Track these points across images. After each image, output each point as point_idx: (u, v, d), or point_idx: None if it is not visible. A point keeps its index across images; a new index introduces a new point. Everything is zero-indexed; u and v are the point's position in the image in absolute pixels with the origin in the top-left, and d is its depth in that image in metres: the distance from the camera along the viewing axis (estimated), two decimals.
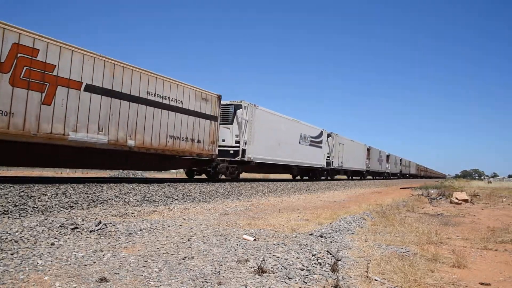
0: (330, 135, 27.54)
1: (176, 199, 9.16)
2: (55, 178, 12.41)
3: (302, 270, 3.32)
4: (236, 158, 15.87)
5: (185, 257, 3.64)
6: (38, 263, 3.20)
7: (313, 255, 3.84)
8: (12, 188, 7.00)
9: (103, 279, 2.86)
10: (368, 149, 38.77)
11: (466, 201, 12.50)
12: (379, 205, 9.94)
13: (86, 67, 9.48)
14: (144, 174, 28.05)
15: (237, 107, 16.18)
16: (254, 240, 4.59)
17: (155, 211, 7.13)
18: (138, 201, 8.16)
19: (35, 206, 6.24)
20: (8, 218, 5.34)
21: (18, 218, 5.32)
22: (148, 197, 8.65)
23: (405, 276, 3.24)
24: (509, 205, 12.53)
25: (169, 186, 10.79)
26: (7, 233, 4.07)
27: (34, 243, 3.88)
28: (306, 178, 25.92)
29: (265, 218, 6.78)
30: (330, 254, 3.91)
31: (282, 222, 6.38)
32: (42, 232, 4.29)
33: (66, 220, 4.93)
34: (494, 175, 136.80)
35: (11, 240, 3.88)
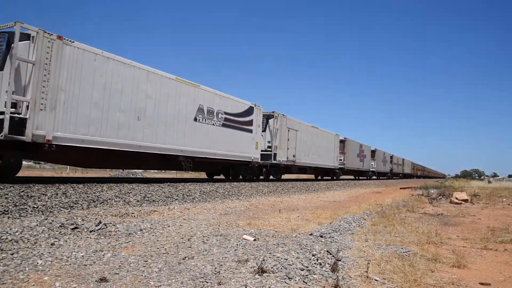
0: (272, 116, 18.76)
1: (176, 199, 9.16)
2: (55, 178, 12.41)
3: (302, 270, 3.32)
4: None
5: (185, 257, 3.64)
6: (38, 263, 3.20)
7: (313, 255, 3.84)
8: (12, 188, 7.00)
9: (103, 279, 2.86)
10: (342, 141, 30.94)
11: (466, 201, 12.50)
12: (379, 205, 9.94)
13: None
14: (144, 174, 28.07)
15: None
16: (254, 240, 4.59)
17: (155, 211, 7.13)
18: (138, 201, 8.16)
19: (35, 206, 6.24)
20: (8, 218, 5.34)
21: (18, 218, 5.32)
22: (148, 197, 8.65)
23: (405, 276, 3.24)
24: (509, 205, 12.53)
25: (169, 186, 10.79)
26: (7, 233, 4.07)
27: (34, 243, 3.88)
28: (222, 178, 18.21)
29: (265, 218, 6.78)
30: (330, 254, 3.91)
31: (282, 222, 6.38)
32: (42, 232, 4.29)
33: (66, 220, 4.93)
34: (494, 175, 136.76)
35: (11, 240, 3.88)
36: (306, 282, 3.03)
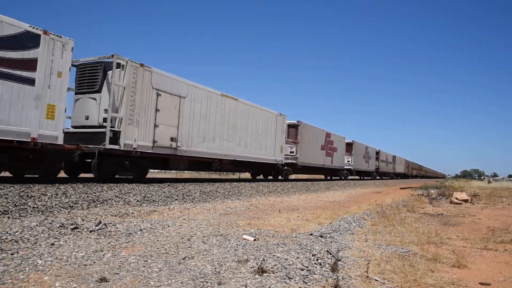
0: (122, 63, 10.84)
1: (176, 199, 9.16)
2: (55, 178, 12.41)
3: (302, 270, 3.32)
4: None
5: (185, 257, 3.64)
6: (38, 263, 3.20)
7: (313, 255, 3.84)
8: (12, 188, 7.00)
9: (103, 279, 2.86)
10: (292, 125, 22.82)
11: (466, 201, 12.50)
12: (379, 205, 9.93)
13: None
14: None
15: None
16: (254, 240, 4.59)
17: (155, 211, 7.13)
18: (138, 201, 8.16)
19: (35, 206, 6.24)
20: (8, 218, 5.34)
21: (18, 218, 5.32)
22: (148, 197, 8.65)
23: (405, 276, 3.24)
24: (509, 205, 12.53)
25: (169, 186, 10.79)
26: (7, 233, 4.07)
27: (34, 243, 3.88)
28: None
29: (265, 218, 6.78)
30: (330, 254, 3.91)
31: (282, 222, 6.38)
32: (42, 232, 4.29)
33: (66, 220, 4.93)
34: (494, 175, 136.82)
35: (11, 240, 3.88)
36: (306, 282, 3.03)
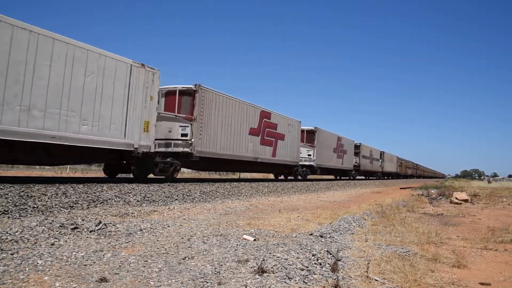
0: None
1: (176, 199, 9.16)
2: (55, 178, 12.42)
3: (302, 270, 3.32)
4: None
5: (185, 257, 3.64)
6: (38, 263, 3.20)
7: (313, 255, 3.84)
8: (12, 188, 7.00)
9: (103, 279, 2.86)
10: (310, 131, 23.15)
11: (466, 201, 12.50)
12: (379, 205, 9.94)
13: None
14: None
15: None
16: (254, 240, 4.59)
17: (155, 211, 7.14)
18: (138, 201, 8.16)
19: (35, 206, 6.24)
20: (8, 218, 5.34)
21: (18, 218, 5.32)
22: (148, 197, 8.65)
23: (405, 276, 3.24)
24: (509, 205, 12.53)
25: (169, 186, 10.79)
26: (7, 233, 4.07)
27: (34, 243, 3.88)
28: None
29: (265, 218, 6.78)
30: (330, 254, 3.91)
31: (282, 222, 6.38)
32: (42, 232, 4.29)
33: (66, 220, 4.93)
34: (494, 175, 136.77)
35: (11, 240, 3.88)
36: (306, 282, 3.03)
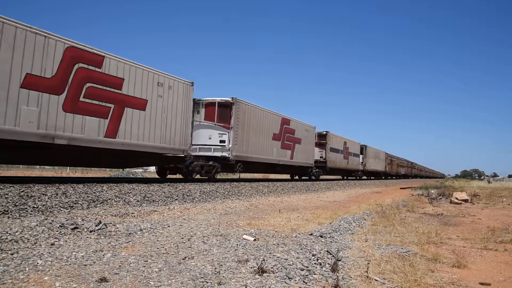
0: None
1: (176, 199, 9.16)
2: (55, 178, 12.42)
3: (302, 270, 3.32)
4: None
5: (185, 257, 3.64)
6: (38, 263, 3.20)
7: (313, 255, 3.84)
8: (12, 188, 7.00)
9: (103, 279, 2.86)
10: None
11: (466, 201, 12.50)
12: (379, 205, 9.94)
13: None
14: (144, 174, 28.08)
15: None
16: (254, 240, 4.59)
17: (155, 211, 7.14)
18: (138, 201, 8.16)
19: (35, 206, 6.24)
20: (8, 218, 5.34)
21: (18, 218, 5.32)
22: (148, 197, 8.65)
23: (405, 276, 3.24)
24: (509, 205, 12.53)
25: (169, 186, 10.79)
26: (7, 233, 4.07)
27: (34, 243, 3.88)
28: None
29: (265, 218, 6.78)
30: (330, 254, 3.91)
31: (282, 222, 6.38)
32: (42, 232, 4.29)
33: (66, 220, 4.93)
34: (494, 175, 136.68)
35: (11, 240, 3.88)
36: (306, 282, 3.03)
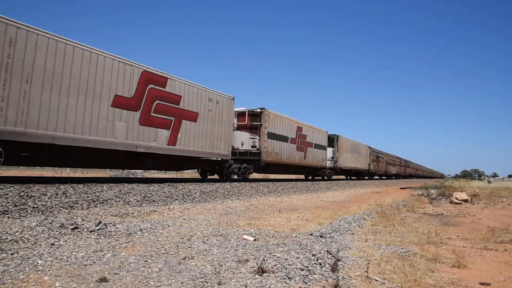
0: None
1: (176, 199, 9.16)
2: (55, 178, 12.42)
3: (302, 270, 3.32)
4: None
5: (185, 257, 3.64)
6: (38, 263, 3.20)
7: (313, 255, 3.84)
8: (12, 188, 7.00)
9: (103, 279, 2.86)
10: (333, 137, 27.35)
11: (466, 201, 12.50)
12: (379, 205, 9.94)
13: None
14: (144, 174, 28.08)
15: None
16: (254, 240, 4.59)
17: (155, 211, 7.14)
18: (138, 201, 8.16)
19: (35, 206, 6.24)
20: (8, 218, 5.34)
21: (18, 218, 5.32)
22: (148, 197, 8.65)
23: (405, 276, 3.24)
24: (509, 205, 12.53)
25: (169, 186, 10.79)
26: (7, 233, 4.07)
27: (34, 243, 3.88)
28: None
29: (265, 218, 6.78)
30: (330, 254, 3.91)
31: (282, 222, 6.38)
32: (42, 232, 4.29)
33: (66, 220, 4.94)
34: (494, 175, 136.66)
35: (11, 240, 3.88)
36: (306, 282, 3.03)
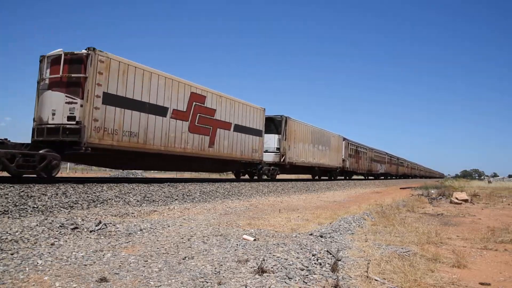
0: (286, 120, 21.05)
1: (176, 199, 9.16)
2: (55, 178, 12.40)
3: (302, 270, 3.32)
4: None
5: (185, 257, 3.64)
6: (38, 263, 3.20)
7: (313, 255, 3.84)
8: (12, 188, 7.00)
9: (103, 279, 2.86)
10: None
11: (466, 201, 12.49)
12: (379, 205, 9.94)
13: None
14: (144, 174, 28.08)
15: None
16: (254, 240, 4.59)
17: (155, 211, 7.14)
18: (138, 201, 8.16)
19: (35, 206, 6.24)
20: (8, 218, 5.34)
21: (18, 218, 5.32)
22: (148, 197, 8.65)
23: (405, 276, 3.24)
24: (509, 205, 12.53)
25: (169, 186, 10.79)
26: (7, 233, 4.07)
27: (34, 243, 3.88)
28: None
29: (265, 218, 6.78)
30: (330, 254, 3.91)
31: (282, 222, 6.39)
32: (42, 232, 4.29)
33: (66, 220, 4.94)
34: (494, 175, 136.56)
35: (11, 240, 3.88)
36: (306, 282, 3.03)
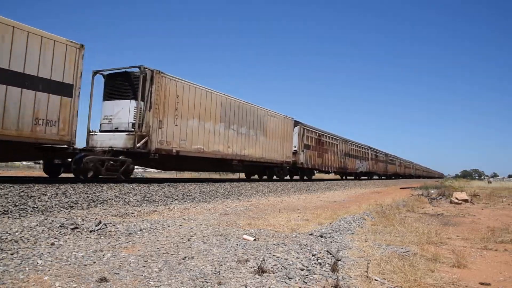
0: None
1: (176, 199, 9.16)
2: (55, 178, 12.41)
3: (302, 270, 3.32)
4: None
5: (185, 257, 3.64)
6: (38, 263, 3.20)
7: (313, 255, 3.84)
8: (12, 188, 7.00)
9: (103, 279, 2.86)
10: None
11: (466, 201, 12.50)
12: (379, 205, 9.94)
13: None
14: (144, 174, 28.07)
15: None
16: (254, 240, 4.59)
17: (155, 211, 7.14)
18: (138, 201, 8.16)
19: (35, 206, 6.24)
20: (8, 218, 5.34)
21: (18, 218, 5.32)
22: (148, 197, 8.65)
23: (405, 276, 3.24)
24: (509, 205, 12.53)
25: (169, 186, 10.79)
26: (7, 233, 4.07)
27: (34, 243, 3.88)
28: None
29: (265, 218, 6.78)
30: (330, 254, 3.91)
31: (282, 222, 6.39)
32: (42, 232, 4.29)
33: (66, 220, 4.94)
34: (494, 175, 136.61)
35: (11, 240, 3.88)
36: (306, 282, 3.03)
